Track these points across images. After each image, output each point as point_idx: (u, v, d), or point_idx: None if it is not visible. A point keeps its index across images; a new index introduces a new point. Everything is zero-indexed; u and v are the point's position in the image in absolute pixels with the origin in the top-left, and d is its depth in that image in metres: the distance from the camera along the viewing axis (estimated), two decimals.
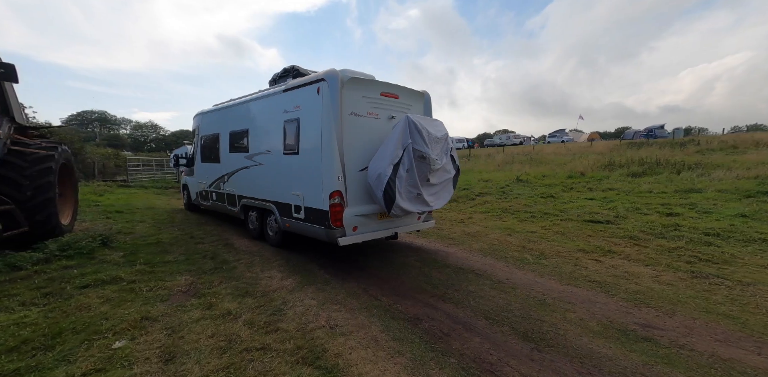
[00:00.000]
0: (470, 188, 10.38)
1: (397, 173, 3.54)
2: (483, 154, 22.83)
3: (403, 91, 4.35)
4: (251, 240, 5.15)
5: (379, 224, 4.09)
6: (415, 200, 3.79)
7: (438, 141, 3.87)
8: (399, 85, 4.32)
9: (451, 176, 4.23)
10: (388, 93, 4.15)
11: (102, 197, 8.57)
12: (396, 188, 3.52)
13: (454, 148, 4.32)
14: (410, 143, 3.60)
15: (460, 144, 41.72)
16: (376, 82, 4.07)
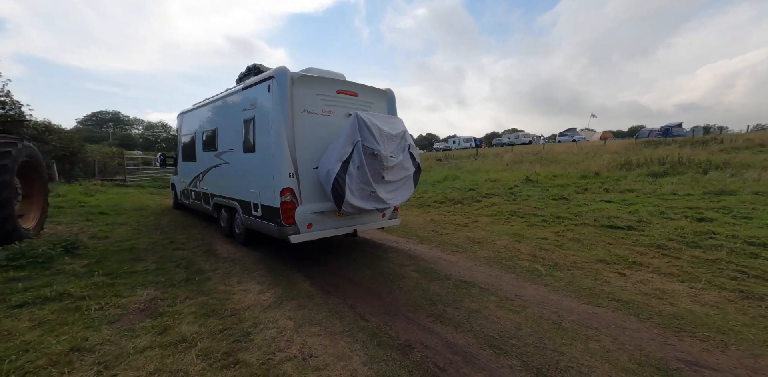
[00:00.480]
0: (476, 188, 9.90)
1: (347, 170, 3.56)
2: (491, 153, 22.22)
3: (363, 90, 4.36)
4: (235, 246, 4.80)
5: (336, 221, 4.10)
6: (368, 197, 3.78)
7: (393, 138, 3.88)
8: (358, 84, 4.33)
9: (410, 173, 4.23)
10: (345, 91, 4.16)
11: (91, 198, 8.37)
12: (346, 185, 3.54)
13: (413, 145, 4.30)
14: (359, 140, 3.60)
15: (468, 144, 41.08)
16: (331, 80, 4.07)
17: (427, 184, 12.03)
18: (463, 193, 9.42)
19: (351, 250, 4.73)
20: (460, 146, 41.23)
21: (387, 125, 3.92)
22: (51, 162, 14.35)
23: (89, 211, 6.47)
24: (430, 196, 9.61)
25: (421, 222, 6.67)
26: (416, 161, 4.34)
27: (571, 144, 25.51)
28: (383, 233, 5.92)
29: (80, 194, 8.90)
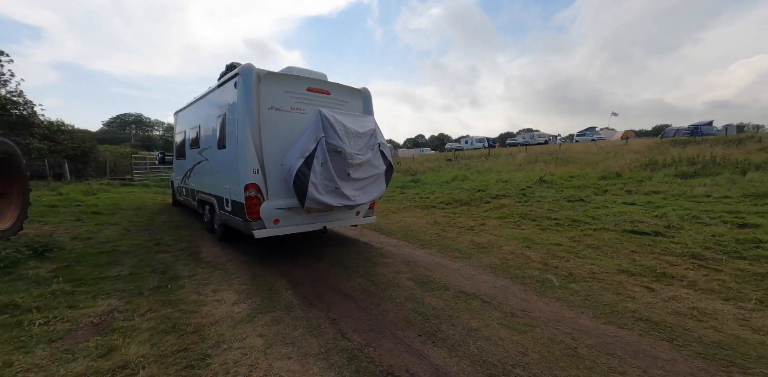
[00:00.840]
0: (486, 189, 9.42)
1: (311, 166, 3.63)
2: (504, 153, 21.56)
3: (336, 88, 4.43)
4: (223, 249, 4.56)
5: (306, 217, 4.12)
6: (333, 193, 3.83)
7: (360, 136, 3.95)
8: (331, 82, 4.41)
9: (381, 171, 4.29)
10: (316, 89, 4.22)
11: (90, 197, 8.40)
12: (309, 181, 3.60)
13: (385, 144, 4.33)
14: (323, 136, 3.66)
15: (480, 144, 40.28)
16: (301, 78, 4.13)
17: (435, 185, 11.62)
18: (471, 194, 8.97)
19: (344, 255, 4.42)
20: (473, 146, 40.45)
21: (355, 123, 4.00)
22: (62, 161, 14.77)
23: (83, 210, 6.43)
24: (436, 197, 9.21)
25: (424, 224, 6.29)
26: (387, 160, 4.37)
27: (589, 143, 24.47)
28: (382, 235, 5.59)
29: (81, 193, 8.96)
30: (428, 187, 11.28)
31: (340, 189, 3.84)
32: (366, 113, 4.67)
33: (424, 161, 21.75)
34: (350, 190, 3.98)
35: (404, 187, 11.84)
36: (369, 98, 4.79)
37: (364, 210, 4.74)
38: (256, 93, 3.69)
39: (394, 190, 11.30)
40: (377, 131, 4.24)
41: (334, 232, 5.92)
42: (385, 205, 8.74)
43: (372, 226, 6.32)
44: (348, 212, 4.50)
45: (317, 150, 3.67)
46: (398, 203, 9.02)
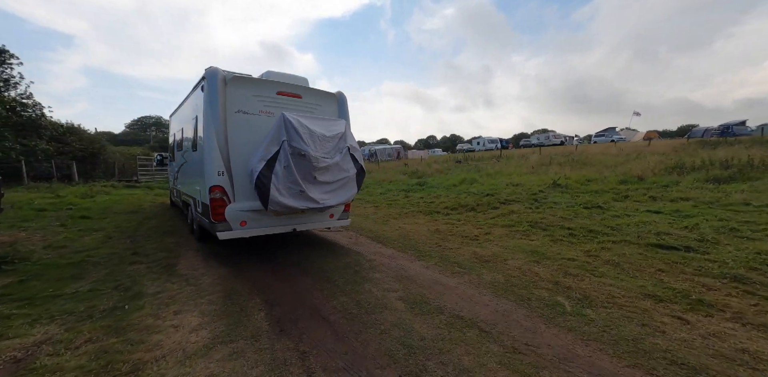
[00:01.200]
0: (495, 193, 8.91)
1: (273, 169, 3.68)
2: (517, 155, 20.82)
3: (308, 92, 4.50)
4: (205, 260, 4.29)
5: (275, 220, 4.19)
6: (298, 196, 3.85)
7: (327, 140, 3.99)
8: (303, 86, 4.49)
9: (350, 175, 4.32)
10: (286, 92, 4.29)
11: (86, 199, 8.37)
12: (271, 184, 3.66)
13: (356, 147, 4.36)
14: (285, 139, 3.68)
15: (493, 145, 39.39)
16: (270, 82, 4.20)
17: (441, 188, 11.16)
18: (478, 199, 8.49)
19: (333, 268, 4.07)
20: (485, 147, 39.62)
21: (322, 126, 4.03)
22: (70, 163, 15.08)
23: (72, 215, 6.32)
24: (441, 201, 8.76)
25: (425, 232, 5.88)
26: (358, 163, 4.40)
27: (608, 145, 23.40)
28: (378, 244, 5.22)
29: (80, 195, 8.96)
30: (434, 190, 10.83)
31: (305, 192, 3.85)
32: (341, 117, 4.73)
33: (432, 162, 21.26)
34: (318, 193, 4.01)
35: (409, 190, 11.43)
36: (344, 101, 4.85)
37: (338, 213, 4.82)
38: (222, 96, 3.76)
39: (398, 194, 10.91)
40: (347, 134, 4.27)
41: (327, 240, 5.59)
42: (387, 210, 8.36)
43: (369, 233, 5.97)
44: (320, 214, 4.57)
45: (280, 153, 3.69)
46: (401, 207, 8.62)
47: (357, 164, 4.39)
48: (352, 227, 6.53)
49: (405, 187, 12.06)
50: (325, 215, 4.67)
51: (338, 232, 6.17)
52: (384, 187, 12.73)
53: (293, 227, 4.37)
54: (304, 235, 5.94)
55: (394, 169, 19.77)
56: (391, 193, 11.16)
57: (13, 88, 13.19)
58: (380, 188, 12.67)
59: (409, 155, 41.82)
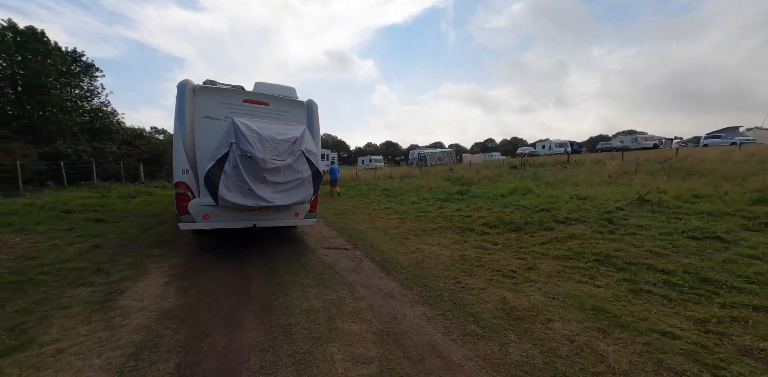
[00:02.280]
0: (552, 209, 7.12)
1: (222, 168, 4.07)
2: (590, 160, 17.66)
3: (275, 100, 4.95)
4: (166, 284, 3.74)
5: (238, 215, 4.62)
6: (247, 194, 4.19)
7: (278, 143, 4.35)
8: (270, 95, 4.95)
9: (304, 176, 4.62)
10: (253, 100, 4.79)
11: (123, 200, 8.93)
12: (220, 182, 4.05)
13: (312, 151, 4.66)
14: (233, 142, 4.06)
15: (562, 149, 34.88)
16: (236, 92, 4.77)
17: (485, 199, 9.57)
18: (529, 214, 6.84)
19: (304, 309, 3.20)
20: (551, 152, 35.40)
21: (274, 130, 4.37)
22: (138, 164, 17.20)
23: (90, 217, 6.58)
24: (480, 216, 7.31)
25: (446, 259, 4.64)
26: (314, 166, 4.68)
27: (728, 149, 18.39)
28: (381, 272, 4.22)
29: (122, 195, 9.70)
30: (476, 201, 9.31)
31: (253, 191, 4.19)
32: (309, 123, 5.11)
33: (481, 168, 19.23)
34: (269, 192, 4.36)
35: (446, 199, 10.07)
36: (312, 109, 5.22)
37: (303, 212, 5.15)
38: (190, 104, 4.33)
39: (432, 203, 9.65)
40: (304, 138, 4.58)
41: (327, 260, 4.72)
42: (412, 224, 7.22)
43: (377, 255, 4.97)
44: (283, 212, 4.94)
45: (229, 154, 4.05)
46: (430, 221, 7.41)
47: (313, 166, 4.68)
48: (361, 245, 5.61)
49: (443, 196, 10.71)
50: (290, 214, 5.04)
51: (344, 250, 5.30)
52: (420, 195, 11.55)
53: (254, 223, 4.76)
54: (314, 254, 5.18)
55: (438, 174, 18.34)
56: (425, 202, 9.94)
57: (96, 97, 15.59)
58: (415, 195, 11.52)
59: (465, 159, 39.56)
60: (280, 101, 5.02)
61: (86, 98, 15.11)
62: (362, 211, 9.34)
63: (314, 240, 6.04)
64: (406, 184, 15.21)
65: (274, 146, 4.32)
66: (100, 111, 15.66)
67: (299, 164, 4.57)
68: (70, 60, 14.42)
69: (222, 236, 5.97)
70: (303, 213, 5.15)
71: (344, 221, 8.01)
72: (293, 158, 4.48)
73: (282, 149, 4.41)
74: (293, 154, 4.50)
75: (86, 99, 15.12)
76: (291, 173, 4.52)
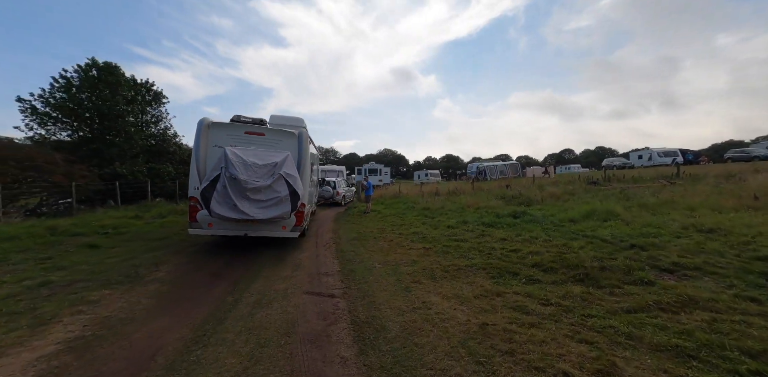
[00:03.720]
0: (651, 245, 4.89)
1: (215, 187, 5.39)
2: (714, 173, 13.50)
3: (271, 131, 6.28)
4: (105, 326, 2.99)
5: (234, 225, 5.76)
6: (232, 208, 5.39)
7: (259, 167, 5.59)
8: (268, 128, 6.40)
9: (282, 195, 5.69)
10: (252, 132, 6.12)
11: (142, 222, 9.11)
12: (212, 197, 5.36)
13: (291, 174, 5.81)
14: (223, 166, 5.38)
15: (669, 159, 28.51)
16: (239, 126, 6.16)
17: (548, 224, 7.44)
18: (609, 253, 4.76)
19: None
20: (653, 163, 29.29)
21: (258, 157, 5.68)
22: None
23: (88, 243, 6.47)
24: (532, 250, 5.42)
25: (457, 329, 3.08)
26: (291, 187, 5.76)
27: None
28: (343, 357, 2.85)
29: (155, 215, 10.14)
30: (531, 228, 7.25)
31: (237, 206, 5.36)
32: (299, 150, 6.16)
33: (549, 183, 16.25)
34: (251, 208, 5.48)
35: (492, 224, 8.15)
36: (302, 138, 6.26)
37: (290, 226, 6.08)
38: (204, 136, 5.68)
39: (472, 229, 7.86)
40: (285, 163, 5.73)
41: (281, 321, 3.56)
42: (435, 258, 5.67)
43: (362, 310, 3.67)
44: (272, 225, 5.92)
45: (221, 176, 5.34)
46: (460, 255, 5.75)
47: (290, 187, 5.67)
48: (355, 289, 4.36)
49: (489, 218, 8.78)
50: (278, 227, 5.99)
51: (328, 298, 4.09)
52: (462, 216, 9.76)
53: (245, 233, 5.86)
54: (285, 302, 4.11)
55: (492, 191, 16.03)
56: (464, 227, 8.17)
57: (162, 122, 17.81)
58: (457, 217, 9.76)
59: (528, 172, 35.46)
60: (274, 132, 6.19)
61: (152, 122, 17.42)
62: (386, 236, 8.02)
63: (303, 278, 4.96)
64: (451, 202, 13.42)
65: (255, 170, 5.49)
66: (163, 134, 17.79)
67: (278, 185, 5.64)
68: (144, 90, 16.89)
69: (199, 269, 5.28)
70: (290, 226, 6.12)
71: (357, 249, 6.80)
72: (272, 179, 5.58)
73: (262, 173, 5.55)
74: (273, 176, 5.59)
75: (153, 124, 17.43)
76: (270, 193, 5.60)
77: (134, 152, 14.79)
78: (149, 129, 17.10)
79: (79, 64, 14.07)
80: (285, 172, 5.67)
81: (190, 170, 5.77)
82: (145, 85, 17.01)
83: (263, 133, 6.08)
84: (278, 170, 5.64)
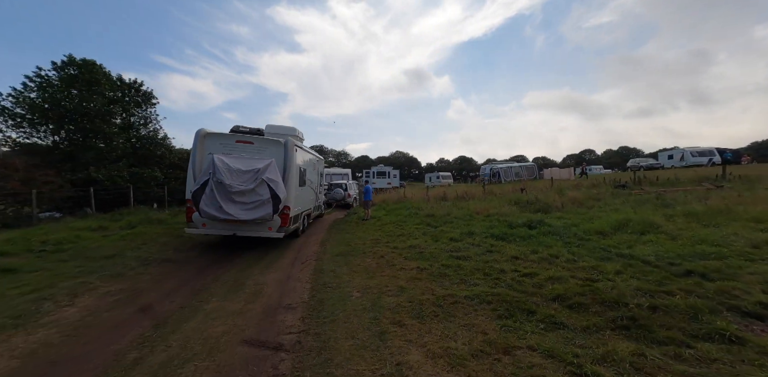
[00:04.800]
0: (715, 272, 3.72)
1: (204, 190, 6.20)
2: None
3: (259, 140, 7.08)
4: None
5: (224, 225, 6.62)
6: (218, 209, 6.18)
7: (243, 173, 6.37)
8: (256, 137, 7.17)
9: (264, 198, 6.41)
10: (242, 140, 6.97)
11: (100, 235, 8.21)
12: (201, 199, 6.18)
13: (273, 179, 6.54)
14: (211, 172, 6.21)
15: (704, 159, 26.59)
16: (231, 135, 7.10)
17: (566, 238, 6.26)
18: (657, 281, 3.61)
19: None
20: (687, 163, 27.33)
21: (242, 163, 6.49)
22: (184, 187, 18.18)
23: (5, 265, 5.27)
24: (552, 275, 4.32)
25: None
26: (273, 191, 6.47)
27: None
28: None
29: (124, 226, 9.34)
30: (551, 242, 6.09)
31: (223, 208, 6.18)
32: (285, 156, 7.08)
33: (570, 186, 14.86)
34: (236, 209, 6.27)
35: (503, 236, 7.01)
36: (288, 146, 7.15)
37: (275, 227, 6.92)
38: (201, 145, 6.76)
39: (479, 242, 6.74)
40: (267, 169, 6.52)
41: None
42: (425, 285, 4.59)
43: None
44: (258, 226, 6.78)
45: (210, 180, 6.18)
46: (459, 279, 4.69)
47: (272, 191, 6.47)
48: (313, 335, 3.34)
49: (500, 229, 7.62)
50: (264, 227, 6.85)
51: (270, 352, 3.09)
52: (469, 226, 8.63)
53: (234, 232, 6.77)
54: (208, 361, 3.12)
55: (505, 195, 14.77)
56: (470, 240, 7.05)
57: (151, 124, 17.28)
58: (463, 226, 8.63)
59: (546, 174, 33.82)
60: (262, 140, 6.94)
61: (141, 124, 16.89)
62: (378, 250, 6.98)
63: (255, 314, 3.98)
64: (459, 208, 12.27)
65: (239, 175, 6.23)
66: (152, 137, 17.24)
67: (261, 188, 6.34)
68: (133, 90, 16.41)
69: None
70: (275, 227, 6.83)
71: (339, 269, 5.79)
72: (255, 184, 6.29)
73: (246, 178, 6.27)
74: (255, 181, 6.30)
75: (143, 125, 16.90)
76: (253, 196, 6.29)
77: (114, 156, 14.19)
78: (138, 131, 16.57)
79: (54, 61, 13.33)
80: (267, 177, 6.42)
81: (187, 175, 6.76)
82: (133, 85, 16.53)
83: (252, 141, 6.95)
84: (261, 175, 6.39)
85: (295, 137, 8.91)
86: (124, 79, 16.19)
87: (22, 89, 12.41)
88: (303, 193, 8.71)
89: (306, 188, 9.17)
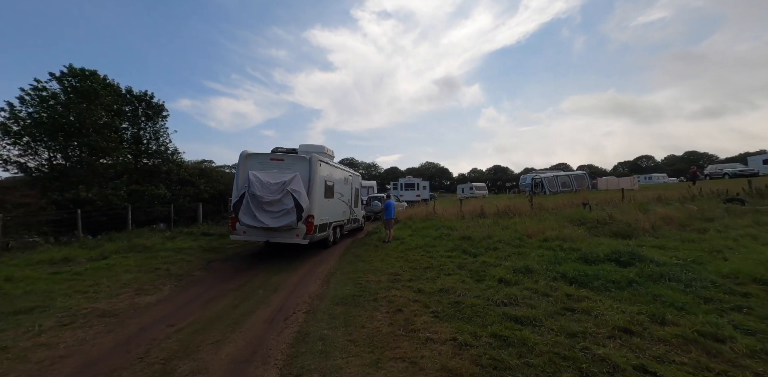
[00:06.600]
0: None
1: (242, 201, 7.54)
2: None
3: (288, 157, 8.35)
4: None
5: (260, 232, 7.88)
6: (253, 218, 7.47)
7: (272, 185, 7.61)
8: (286, 154, 8.46)
9: (288, 207, 7.52)
10: (275, 158, 8.28)
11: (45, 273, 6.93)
12: (240, 209, 7.54)
13: (297, 190, 7.68)
14: (247, 185, 7.60)
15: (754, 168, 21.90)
16: (266, 154, 8.42)
17: (691, 288, 3.96)
18: None
19: None
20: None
21: (272, 177, 7.80)
22: (197, 205, 17.24)
23: None
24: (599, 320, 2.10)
25: None
26: (296, 201, 7.55)
27: None
28: None
29: (94, 257, 8.19)
30: (671, 296, 3.84)
31: (256, 216, 7.45)
32: (309, 171, 8.24)
33: (650, 200, 11.99)
34: (266, 218, 7.47)
35: (583, 281, 4.83)
36: (312, 161, 8.30)
37: (302, 234, 7.96)
38: (243, 164, 8.17)
39: (545, 287, 4.60)
40: (292, 182, 7.69)
41: None
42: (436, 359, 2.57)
43: None
44: (288, 233, 7.88)
45: (246, 193, 7.53)
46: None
47: (296, 201, 7.53)
48: None
49: (574, 266, 5.39)
50: (292, 235, 7.92)
51: None
52: (524, 256, 6.46)
53: (266, 239, 7.97)
54: None
55: (563, 210, 12.21)
56: (530, 280, 4.92)
57: (162, 137, 16.83)
58: (514, 257, 6.47)
59: (600, 183, 30.12)
60: (290, 157, 8.35)
61: (153, 139, 16.50)
62: (394, 296, 5.04)
63: None
64: (502, 228, 10.02)
65: (269, 187, 7.61)
66: (162, 152, 16.76)
67: (286, 198, 7.59)
68: (144, 103, 16.15)
69: None
70: (302, 235, 7.99)
71: (330, 336, 3.93)
72: (281, 194, 7.58)
73: (274, 189, 7.61)
74: (282, 192, 7.59)
75: (154, 140, 16.50)
76: (280, 205, 7.58)
77: (112, 173, 13.60)
78: (149, 146, 16.17)
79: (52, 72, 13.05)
80: (292, 188, 7.57)
81: (233, 190, 8.34)
82: (144, 97, 16.25)
83: (283, 159, 8.24)
84: (286, 186, 7.56)
85: (324, 154, 9.89)
86: (132, 91, 16.00)
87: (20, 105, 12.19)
88: (331, 204, 9.75)
89: (335, 200, 10.20)
